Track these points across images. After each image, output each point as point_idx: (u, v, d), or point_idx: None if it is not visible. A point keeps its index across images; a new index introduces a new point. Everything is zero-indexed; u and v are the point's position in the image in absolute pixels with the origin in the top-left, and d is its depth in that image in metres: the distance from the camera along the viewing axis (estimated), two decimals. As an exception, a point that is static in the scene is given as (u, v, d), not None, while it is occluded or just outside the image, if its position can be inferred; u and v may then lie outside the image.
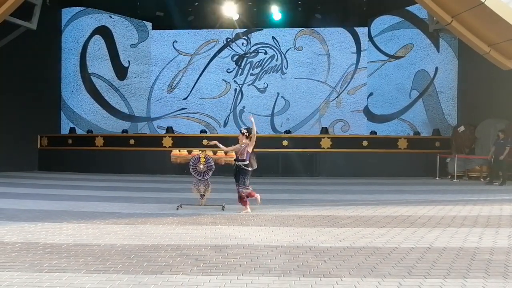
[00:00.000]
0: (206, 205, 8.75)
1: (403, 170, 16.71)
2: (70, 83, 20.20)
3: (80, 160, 17.86)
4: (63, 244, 5.60)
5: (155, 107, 22.23)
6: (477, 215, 8.01)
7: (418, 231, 6.56)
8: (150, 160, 17.19)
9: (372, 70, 21.26)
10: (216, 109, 22.19)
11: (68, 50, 20.25)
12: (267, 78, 22.09)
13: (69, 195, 10.57)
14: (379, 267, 4.66)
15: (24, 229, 6.49)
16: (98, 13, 20.58)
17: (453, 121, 18.10)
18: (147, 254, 5.12)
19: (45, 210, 8.32)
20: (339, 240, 5.92)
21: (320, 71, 21.82)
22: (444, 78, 18.47)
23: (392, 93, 20.35)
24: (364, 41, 21.51)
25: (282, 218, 7.65)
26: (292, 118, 21.77)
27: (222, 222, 7.19)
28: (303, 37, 21.92)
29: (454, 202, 9.84)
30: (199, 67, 22.28)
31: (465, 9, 11.75)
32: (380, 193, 11.67)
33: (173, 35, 22.29)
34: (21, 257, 4.97)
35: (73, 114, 20.13)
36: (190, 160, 8.75)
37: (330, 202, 9.75)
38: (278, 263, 4.81)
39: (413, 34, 19.48)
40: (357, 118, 21.53)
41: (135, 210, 8.40)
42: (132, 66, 21.65)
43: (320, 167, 17.13)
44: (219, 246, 5.57)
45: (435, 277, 4.33)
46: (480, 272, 4.52)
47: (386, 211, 8.41)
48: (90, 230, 6.49)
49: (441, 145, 17.19)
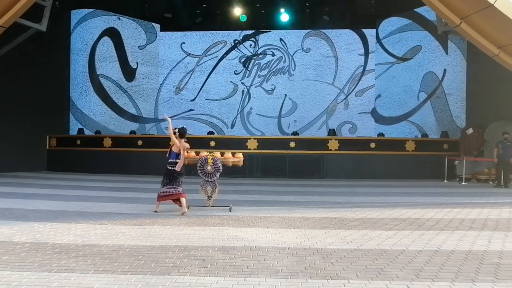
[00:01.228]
0: (213, 206, 8.76)
1: (411, 173, 16.64)
2: (78, 84, 20.34)
3: (88, 160, 17.97)
4: (72, 244, 5.63)
5: (163, 109, 22.29)
6: (486, 218, 7.96)
7: (426, 233, 6.53)
8: (158, 161, 17.16)
9: (380, 72, 21.20)
10: (223, 111, 22.23)
11: (77, 52, 20.40)
12: (274, 79, 22.10)
13: (78, 196, 10.63)
14: (387, 270, 4.65)
15: (33, 229, 6.54)
16: (106, 15, 20.70)
17: (461, 123, 17.99)
18: (154, 255, 5.14)
19: (54, 210, 8.38)
20: (346, 242, 5.91)
21: (327, 73, 21.79)
22: (453, 80, 18.37)
23: (400, 95, 20.27)
24: (372, 43, 21.44)
25: (289, 220, 7.65)
26: (300, 119, 21.75)
27: (230, 224, 7.20)
28: (310, 39, 21.90)
29: (463, 204, 9.78)
30: (207, 68, 22.34)
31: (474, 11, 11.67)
32: (388, 195, 11.64)
33: (181, 36, 22.38)
34: (31, 257, 5.02)
35: (82, 115, 20.26)
36: (197, 162, 8.77)
37: (337, 204, 9.73)
38: (285, 265, 4.81)
39: (421, 36, 19.39)
40: (365, 120, 21.47)
41: (143, 211, 8.44)
42: (140, 68, 21.75)
43: (328, 169, 17.10)
44: (226, 247, 5.58)
45: (443, 280, 4.31)
46: (489, 275, 4.49)
47: (394, 214, 8.39)
48: (99, 230, 6.53)
49: (449, 147, 17.09)
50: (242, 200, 10.05)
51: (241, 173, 15.17)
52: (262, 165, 16.88)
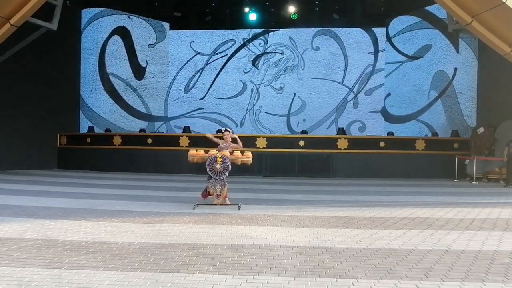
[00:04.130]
0: (222, 205, 8.78)
1: (420, 172, 16.55)
2: (89, 83, 20.49)
3: (98, 158, 18.11)
4: (82, 241, 5.68)
5: (172, 107, 22.41)
6: (497, 218, 7.89)
7: (436, 233, 6.49)
8: (167, 159, 17.33)
9: (390, 71, 21.09)
10: (232, 109, 22.26)
11: (87, 50, 20.55)
12: (283, 78, 22.08)
13: (88, 193, 10.71)
14: (396, 269, 4.63)
15: (44, 226, 6.60)
16: (116, 14, 20.82)
17: (472, 122, 17.84)
18: (164, 253, 5.17)
19: (64, 207, 8.45)
20: (355, 242, 5.89)
21: (337, 72, 21.73)
22: (464, 79, 18.22)
23: (410, 94, 20.16)
24: (381, 41, 21.34)
25: (298, 218, 7.65)
26: (309, 118, 21.72)
27: (238, 222, 7.22)
28: (320, 37, 21.84)
29: (473, 204, 9.71)
30: (216, 67, 22.38)
31: (485, 9, 11.56)
32: (397, 194, 11.58)
33: (190, 35, 22.43)
34: (42, 253, 5.07)
35: (92, 113, 20.40)
36: (207, 160, 8.79)
37: (346, 203, 9.71)
38: (294, 263, 4.81)
39: (432, 35, 19.26)
40: (374, 119, 21.38)
41: (152, 209, 8.48)
42: (150, 66, 21.85)
43: (337, 167, 17.06)
44: (235, 245, 5.59)
45: (453, 280, 4.29)
46: (499, 276, 4.46)
47: (403, 213, 8.35)
48: (108, 228, 6.57)
49: (460, 146, 16.97)
50: (251, 199, 10.06)
51: (250, 172, 15.20)
52: (271, 163, 16.89)
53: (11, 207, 8.44)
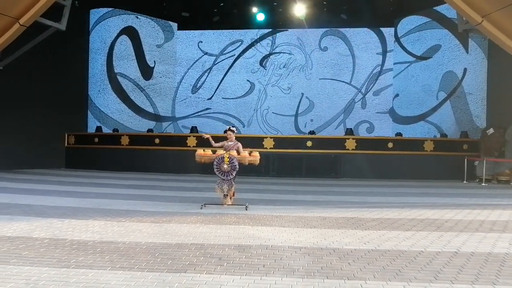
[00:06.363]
0: (229, 205, 8.77)
1: (429, 173, 16.42)
2: (97, 83, 20.57)
3: (106, 158, 18.17)
4: (90, 241, 5.69)
5: (180, 107, 22.44)
6: (507, 220, 7.81)
7: (445, 235, 6.43)
8: (175, 159, 17.35)
9: (398, 71, 20.97)
10: (240, 109, 22.25)
11: (95, 50, 20.64)
12: (291, 78, 22.03)
13: (95, 193, 10.75)
14: (405, 271, 4.59)
15: (52, 226, 6.62)
16: (124, 14, 20.89)
17: (482, 123, 17.69)
18: (171, 253, 5.16)
19: (72, 207, 8.48)
20: (363, 243, 5.85)
21: (345, 72, 21.65)
22: (473, 80, 18.07)
23: (418, 95, 20.02)
24: (390, 41, 21.23)
25: (306, 219, 7.61)
26: (316, 118, 21.66)
27: (246, 222, 7.20)
28: (328, 38, 21.77)
29: (483, 206, 9.62)
30: (224, 67, 22.38)
31: (496, 9, 11.44)
32: (406, 195, 11.50)
33: (198, 35, 22.46)
34: (49, 252, 5.08)
35: (100, 113, 20.48)
36: (214, 160, 8.78)
37: (354, 204, 9.65)
38: (301, 264, 4.78)
39: (441, 35, 19.11)
40: (382, 120, 21.27)
41: (159, 209, 8.48)
42: (158, 66, 21.90)
43: (345, 168, 16.98)
44: (242, 246, 5.57)
45: (463, 283, 4.24)
46: (510, 279, 4.40)
47: (412, 214, 8.28)
48: (116, 227, 6.58)
49: (469, 147, 16.83)
50: (258, 199, 10.03)
51: (257, 172, 15.17)
52: (279, 164, 16.85)
53: (20, 206, 8.49)
